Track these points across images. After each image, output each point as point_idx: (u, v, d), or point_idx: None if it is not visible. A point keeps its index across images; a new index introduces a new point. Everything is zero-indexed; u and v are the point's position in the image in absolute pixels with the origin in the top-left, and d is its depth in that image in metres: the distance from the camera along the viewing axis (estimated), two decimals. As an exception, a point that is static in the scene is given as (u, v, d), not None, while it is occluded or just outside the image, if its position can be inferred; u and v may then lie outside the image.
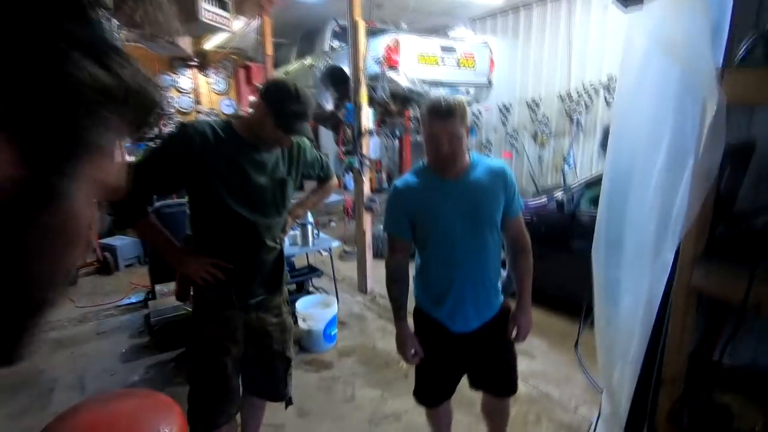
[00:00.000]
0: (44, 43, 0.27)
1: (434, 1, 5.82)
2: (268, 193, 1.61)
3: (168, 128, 6.99)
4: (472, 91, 5.78)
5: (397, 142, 7.76)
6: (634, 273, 1.39)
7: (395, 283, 1.70)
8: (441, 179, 1.59)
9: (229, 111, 8.51)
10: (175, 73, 8.10)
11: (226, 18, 3.29)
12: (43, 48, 0.27)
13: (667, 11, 1.05)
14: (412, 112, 5.81)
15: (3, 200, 0.27)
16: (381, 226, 2.21)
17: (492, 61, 5.75)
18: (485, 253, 1.63)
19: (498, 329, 1.71)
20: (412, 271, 1.74)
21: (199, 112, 8.37)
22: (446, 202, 1.57)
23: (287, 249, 3.56)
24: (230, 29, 3.13)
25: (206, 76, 8.55)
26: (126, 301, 4.12)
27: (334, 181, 2.03)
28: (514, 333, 1.71)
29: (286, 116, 1.47)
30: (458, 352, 1.72)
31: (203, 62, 8.18)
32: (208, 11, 3.07)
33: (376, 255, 4.36)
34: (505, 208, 1.64)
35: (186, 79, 8.27)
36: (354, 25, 3.72)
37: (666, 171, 1.22)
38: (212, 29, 3.17)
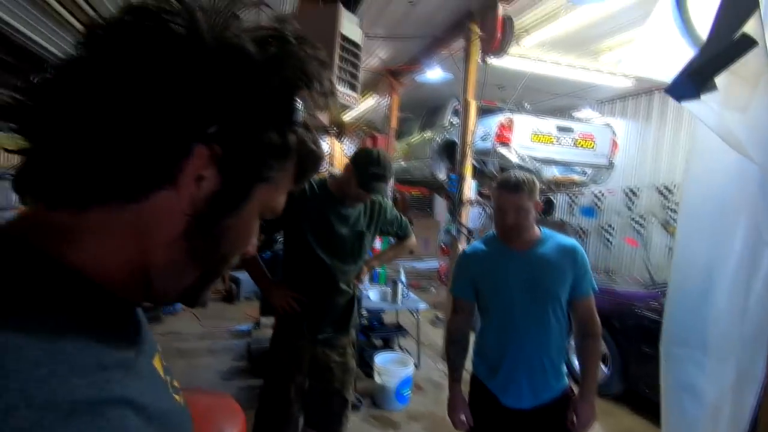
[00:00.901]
0: (280, 113, 0.41)
1: (559, 83, 5.94)
2: (348, 243, 1.86)
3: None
4: (589, 171, 5.58)
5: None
6: (710, 379, 1.24)
7: (453, 344, 1.75)
8: (507, 249, 1.65)
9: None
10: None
11: (353, 97, 3.84)
12: (277, 113, 0.41)
13: (728, 103, 1.05)
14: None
15: (202, 206, 0.39)
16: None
17: (615, 143, 5.53)
18: (545, 329, 1.60)
19: (556, 414, 1.61)
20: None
21: (331, 173, 9.50)
22: (508, 272, 1.62)
23: (376, 302, 3.76)
24: (357, 106, 3.66)
25: (341, 142, 9.75)
26: (237, 327, 4.70)
27: (412, 240, 2.21)
28: (573, 421, 1.59)
29: (367, 177, 1.73)
30: (509, 428, 1.65)
31: (340, 131, 9.39)
32: (340, 91, 3.64)
33: (465, 325, 4.28)
34: (572, 288, 1.61)
35: (324, 144, 9.55)
36: (466, 104, 4.03)
37: (742, 265, 1.13)
38: (341, 107, 3.73)
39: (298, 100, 0.42)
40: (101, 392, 0.31)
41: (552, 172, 5.31)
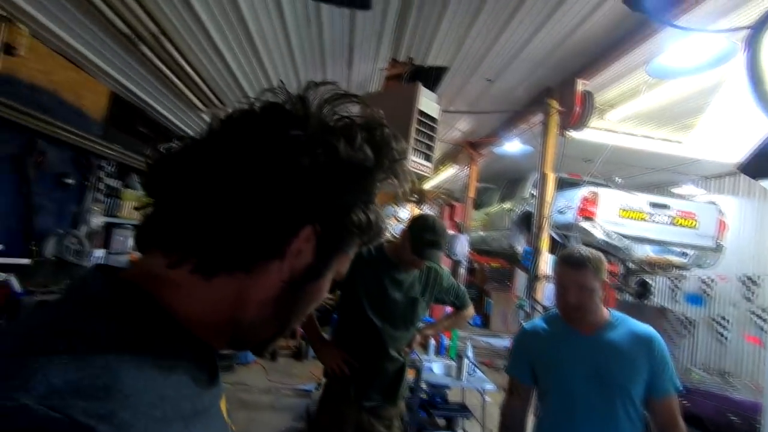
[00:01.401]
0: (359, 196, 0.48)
1: (654, 157, 5.58)
2: (400, 308, 1.84)
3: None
4: (691, 253, 4.98)
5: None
6: None
7: (506, 430, 1.59)
8: (570, 330, 1.52)
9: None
10: (397, 205, 9.72)
11: (427, 167, 3.97)
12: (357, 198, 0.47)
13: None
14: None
15: (297, 275, 0.46)
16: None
17: (723, 223, 4.93)
18: (614, 427, 1.39)
19: None
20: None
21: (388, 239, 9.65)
22: (570, 357, 1.47)
23: (438, 376, 3.57)
24: (431, 175, 3.78)
25: (420, 209, 9.93)
26: (301, 386, 4.71)
27: (470, 311, 2.14)
28: None
29: (421, 243, 1.74)
30: None
31: (420, 198, 9.61)
32: (415, 162, 3.79)
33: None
34: (649, 384, 1.41)
35: (404, 211, 9.80)
36: (543, 177, 3.95)
37: None
38: (416, 176, 3.86)
39: (379, 185, 0.49)
40: None
41: (645, 252, 4.83)
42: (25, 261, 2.31)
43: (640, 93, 3.68)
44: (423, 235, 1.75)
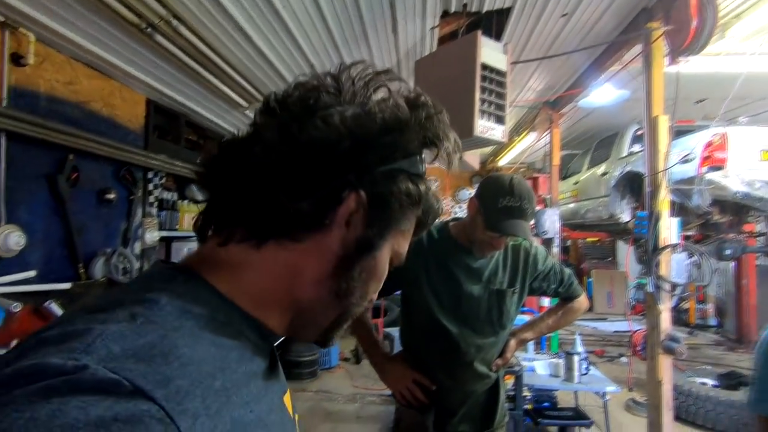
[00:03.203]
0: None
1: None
2: (482, 306, 1.35)
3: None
4: None
5: (734, 264, 5.80)
6: None
7: None
8: None
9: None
10: (471, 187, 9.02)
11: (500, 131, 3.37)
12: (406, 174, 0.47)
13: None
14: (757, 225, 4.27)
15: (349, 247, 0.45)
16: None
17: None
18: None
19: None
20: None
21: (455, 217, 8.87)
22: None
23: (543, 378, 2.97)
24: (503, 140, 3.17)
25: (498, 189, 9.15)
26: (388, 392, 4.35)
27: (582, 302, 1.56)
28: None
29: (497, 213, 1.23)
30: None
31: (496, 177, 8.80)
32: (484, 126, 3.22)
33: (679, 417, 3.07)
34: None
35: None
36: (652, 123, 3.13)
37: None
38: (486, 143, 3.30)
39: (427, 157, 0.49)
40: (249, 414, 0.38)
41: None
42: (65, 285, 2.18)
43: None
44: (498, 202, 1.25)
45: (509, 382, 2.81)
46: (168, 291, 0.38)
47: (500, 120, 3.33)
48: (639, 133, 5.40)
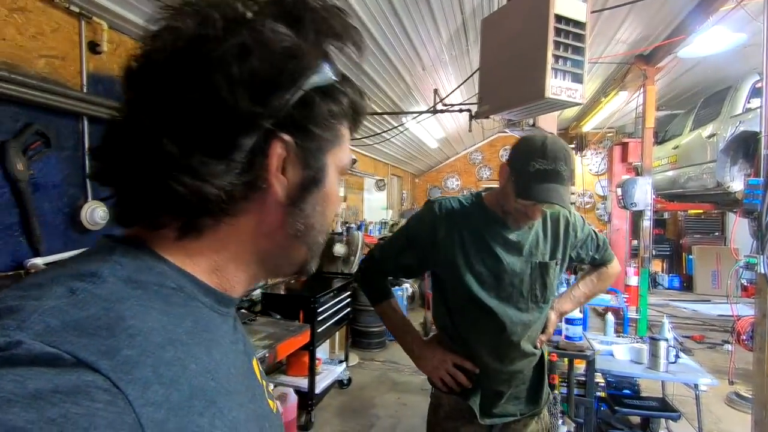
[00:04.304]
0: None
1: None
2: (525, 281, 1.25)
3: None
4: None
5: None
6: None
7: None
8: None
9: (602, 193, 7.94)
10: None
11: (577, 91, 3.04)
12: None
13: None
14: None
15: (294, 194, 0.43)
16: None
17: None
18: None
19: None
20: None
21: (574, 192, 8.21)
22: None
23: (623, 364, 2.70)
24: (581, 101, 2.85)
25: (583, 157, 8.39)
26: (455, 365, 4.31)
27: (615, 267, 1.48)
28: None
29: (528, 179, 1.11)
30: None
31: (580, 144, 8.08)
32: (558, 87, 2.92)
33: (796, 421, 2.61)
34: None
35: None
36: (774, 69, 2.58)
37: None
38: (561, 105, 3.00)
39: (333, 60, 0.43)
40: (210, 381, 0.35)
41: None
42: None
43: None
44: (529, 166, 1.11)
45: (579, 366, 2.60)
46: (110, 261, 0.36)
47: (578, 79, 2.98)
48: (759, 85, 4.54)
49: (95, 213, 2.01)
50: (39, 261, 1.76)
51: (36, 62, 1.82)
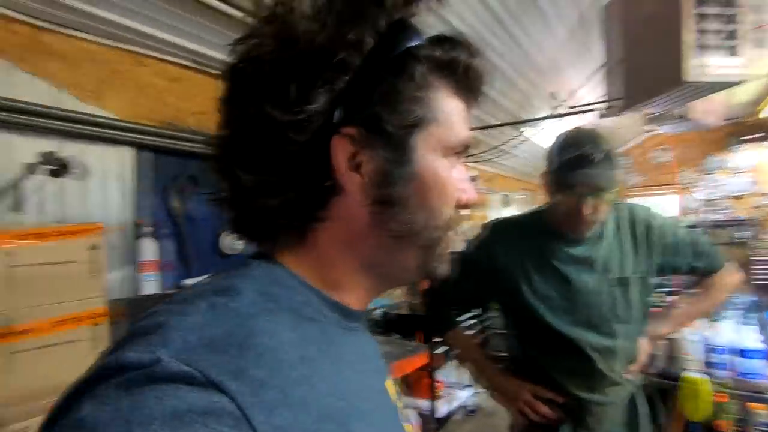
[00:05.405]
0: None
1: None
2: (603, 301, 1.08)
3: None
4: None
5: None
6: None
7: None
8: None
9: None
10: (726, 152, 6.85)
11: (736, 66, 2.55)
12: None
13: None
14: None
15: (374, 187, 0.39)
16: None
17: None
18: None
19: None
20: None
21: (764, 194, 6.50)
22: None
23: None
24: (743, 79, 2.39)
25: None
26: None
27: (728, 275, 1.22)
28: None
29: (556, 174, 1.03)
30: None
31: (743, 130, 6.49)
32: (704, 66, 2.50)
33: None
34: None
35: (743, 155, 6.75)
36: None
37: None
38: (714, 87, 2.53)
39: (407, 26, 0.38)
40: (339, 402, 0.34)
41: None
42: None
43: None
44: (558, 162, 1.02)
45: (760, 411, 2.01)
46: (245, 276, 0.38)
47: (734, 51, 2.46)
48: None
49: (231, 240, 2.34)
50: (189, 281, 2.11)
51: (188, 119, 2.24)
